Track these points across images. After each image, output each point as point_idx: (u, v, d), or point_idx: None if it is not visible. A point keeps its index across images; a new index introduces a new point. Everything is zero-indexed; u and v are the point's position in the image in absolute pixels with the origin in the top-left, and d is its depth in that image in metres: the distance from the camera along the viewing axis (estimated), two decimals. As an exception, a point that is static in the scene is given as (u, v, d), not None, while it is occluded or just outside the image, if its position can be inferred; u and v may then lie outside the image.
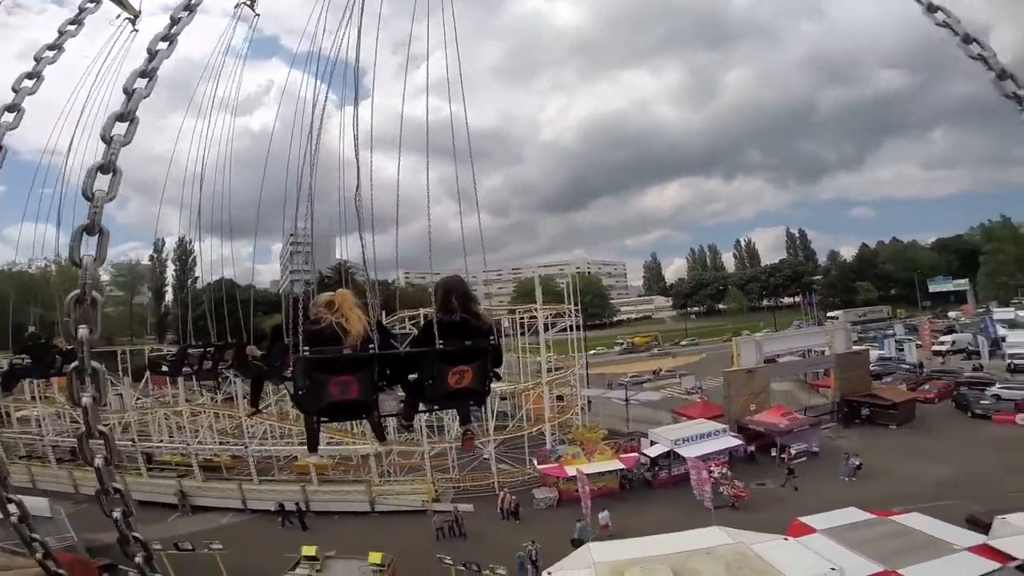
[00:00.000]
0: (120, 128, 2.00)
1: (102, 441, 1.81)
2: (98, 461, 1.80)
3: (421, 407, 3.51)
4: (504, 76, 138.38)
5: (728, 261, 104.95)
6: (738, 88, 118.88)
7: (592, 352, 55.11)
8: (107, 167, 1.93)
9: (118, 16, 11.21)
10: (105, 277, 59.25)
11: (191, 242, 59.82)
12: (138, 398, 29.36)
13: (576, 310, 29.33)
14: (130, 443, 22.82)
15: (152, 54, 2.20)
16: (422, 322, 22.95)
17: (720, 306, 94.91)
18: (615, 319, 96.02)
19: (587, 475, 18.36)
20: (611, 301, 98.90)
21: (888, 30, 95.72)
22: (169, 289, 68.18)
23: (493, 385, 3.67)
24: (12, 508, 1.87)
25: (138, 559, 1.98)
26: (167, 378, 24.57)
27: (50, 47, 2.22)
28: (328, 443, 22.72)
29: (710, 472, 17.57)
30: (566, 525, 16.57)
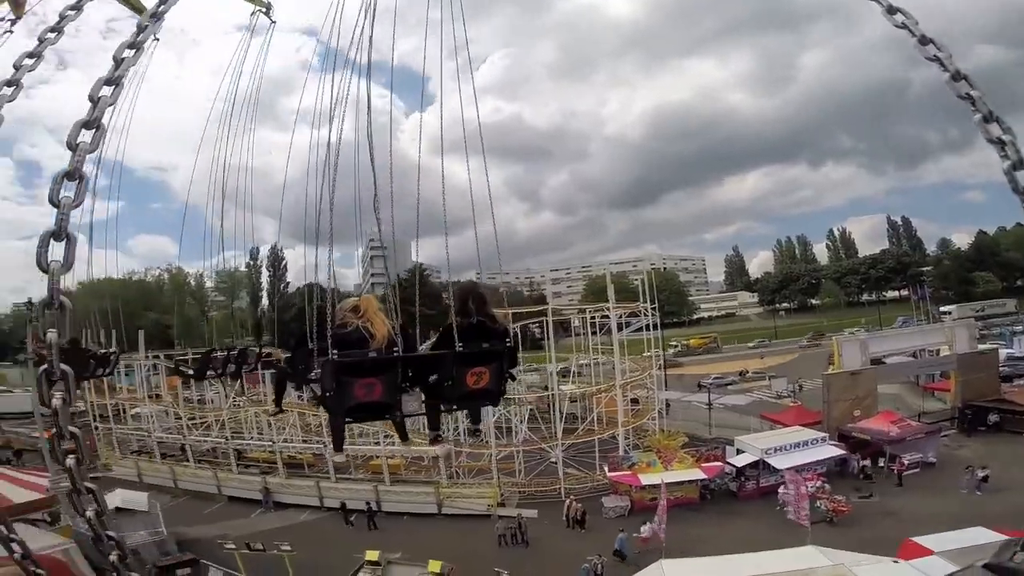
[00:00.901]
0: (86, 135, 2.06)
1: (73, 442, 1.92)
2: (70, 461, 1.87)
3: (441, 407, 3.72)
4: (560, 73, 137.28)
5: (820, 252, 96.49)
6: (816, 71, 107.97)
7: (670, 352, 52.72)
8: (73, 174, 1.99)
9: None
10: (209, 284, 68.28)
11: (282, 249, 69.79)
12: (233, 397, 32.54)
13: (653, 308, 28.17)
14: (223, 440, 25.17)
15: (118, 61, 2.27)
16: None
17: (813, 301, 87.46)
18: (694, 317, 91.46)
19: (666, 484, 17.43)
20: (689, 298, 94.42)
21: (977, 4, 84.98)
22: (264, 294, 75.10)
23: (563, 387, 3.71)
24: None
25: (112, 557, 2.03)
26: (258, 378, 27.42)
27: (51, 29, 2.34)
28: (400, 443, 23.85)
29: (808, 486, 16.22)
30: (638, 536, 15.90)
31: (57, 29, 2.42)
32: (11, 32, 9.28)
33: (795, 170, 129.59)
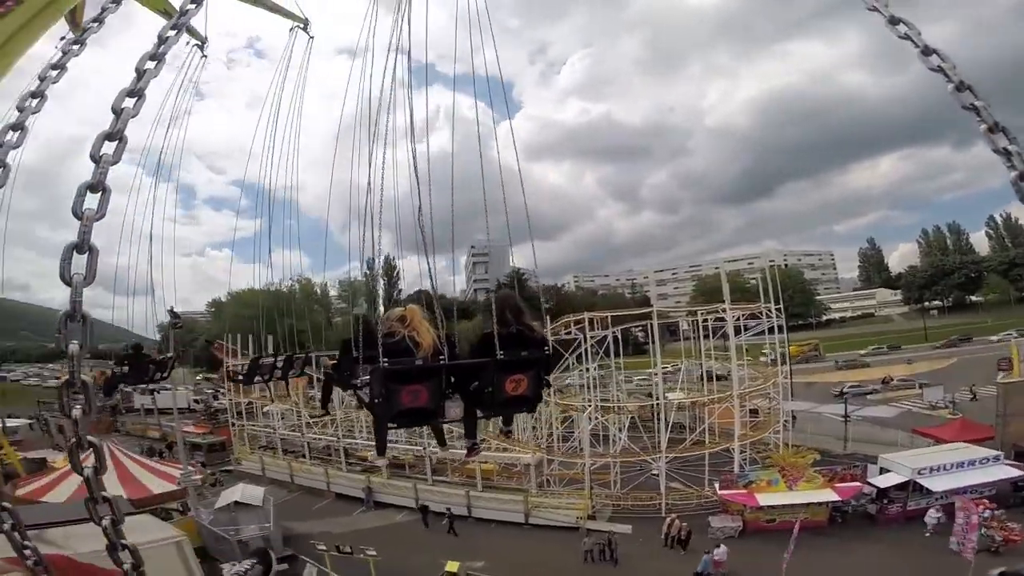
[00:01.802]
0: (109, 147, 2.12)
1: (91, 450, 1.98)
2: (87, 471, 1.93)
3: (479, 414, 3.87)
4: (648, 68, 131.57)
5: (978, 242, 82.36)
6: (948, 43, 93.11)
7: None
8: (96, 186, 2.05)
9: (188, 43, 13.18)
10: (333, 292, 77.75)
11: (394, 259, 72.93)
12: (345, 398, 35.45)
13: (778, 309, 25.84)
14: (335, 439, 27.37)
15: (140, 73, 2.32)
16: (587, 328, 23.08)
17: (973, 298, 74.35)
18: (823, 318, 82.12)
19: (788, 505, 16.51)
20: (817, 297, 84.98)
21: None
22: (380, 300, 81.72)
23: (670, 395, 3.47)
24: (5, 517, 2.03)
25: (126, 566, 2.04)
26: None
27: (53, 67, 2.44)
28: (495, 449, 24.15)
29: (980, 513, 14.13)
30: (748, 562, 14.53)
31: (59, 66, 2.50)
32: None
33: (939, 152, 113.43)
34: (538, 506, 20.32)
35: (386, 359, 3.31)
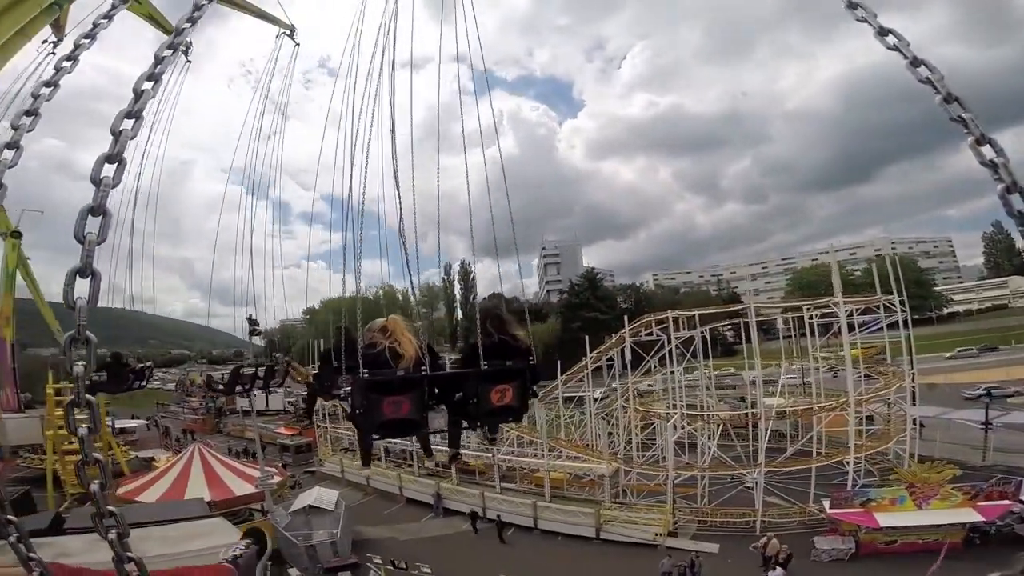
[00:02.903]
0: (108, 170, 2.23)
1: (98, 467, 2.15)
2: (94, 486, 2.08)
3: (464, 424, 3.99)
4: (713, 55, 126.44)
5: None
6: None
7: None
8: (97, 209, 2.17)
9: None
10: (413, 298, 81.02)
11: (470, 263, 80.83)
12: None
13: (901, 301, 23.69)
14: (408, 442, 28.51)
15: (138, 94, 2.46)
16: (671, 328, 22.34)
17: None
18: (945, 311, 73.83)
19: (918, 526, 15.29)
20: (935, 288, 76.75)
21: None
22: (457, 305, 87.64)
23: (768, 401, 3.37)
24: (11, 530, 2.23)
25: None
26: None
27: (47, 84, 2.64)
28: (566, 458, 23.96)
29: None
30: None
31: (52, 83, 2.66)
32: (53, 54, 10.24)
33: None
34: (612, 520, 19.75)
35: (366, 370, 3.43)
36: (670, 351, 25.50)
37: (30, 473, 25.28)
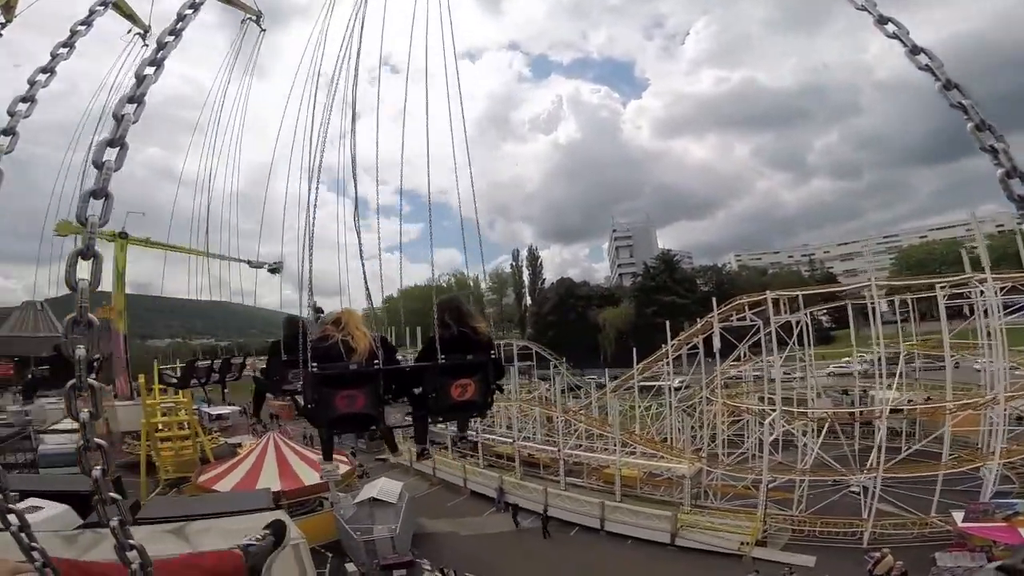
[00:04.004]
0: (111, 154, 2.37)
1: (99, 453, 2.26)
2: (96, 472, 2.19)
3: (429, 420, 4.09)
4: (785, 25, 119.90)
5: None
6: None
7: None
8: (99, 192, 2.29)
9: (129, 31, 14.32)
10: (484, 285, 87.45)
11: (536, 249, 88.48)
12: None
13: None
14: (474, 433, 28.81)
15: (140, 79, 2.55)
16: (770, 310, 20.97)
17: None
18: None
19: None
20: None
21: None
22: (526, 291, 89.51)
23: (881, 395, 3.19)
24: (12, 519, 2.37)
25: (134, 567, 2.28)
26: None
27: (43, 70, 2.73)
28: (641, 455, 23.39)
29: None
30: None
31: (49, 70, 2.76)
32: (0, 35, 10.72)
33: None
34: (691, 525, 19.02)
35: (315, 363, 3.50)
36: (768, 335, 24.24)
37: (134, 459, 28.39)
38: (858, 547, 16.42)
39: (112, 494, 2.10)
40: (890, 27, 2.12)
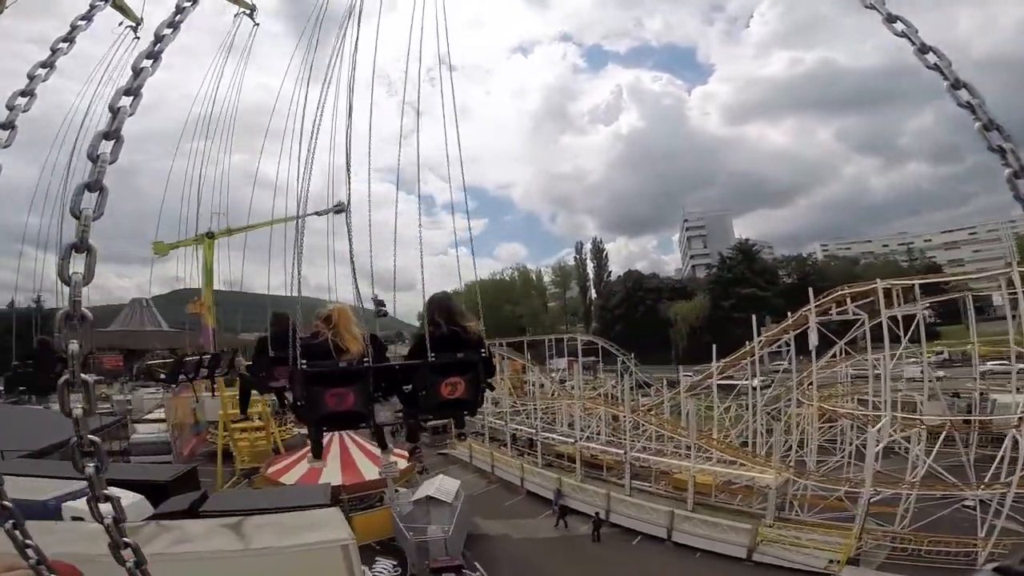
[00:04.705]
0: (106, 147, 2.44)
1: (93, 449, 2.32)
2: (89, 470, 2.25)
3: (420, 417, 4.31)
4: (859, 6, 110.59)
5: None
6: None
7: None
8: (94, 185, 2.34)
9: (120, 23, 14.30)
10: (547, 279, 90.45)
11: (601, 242, 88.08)
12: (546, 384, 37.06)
13: None
14: (533, 431, 28.95)
15: (137, 72, 2.60)
16: (880, 302, 19.42)
17: None
18: None
19: None
20: None
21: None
22: (590, 284, 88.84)
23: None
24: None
25: (129, 564, 2.32)
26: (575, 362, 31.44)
27: (42, 65, 2.84)
28: (718, 461, 22.34)
29: None
30: None
31: (48, 64, 2.84)
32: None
33: None
34: (772, 540, 17.86)
35: (304, 360, 3.61)
36: (869, 330, 22.72)
37: (215, 448, 30.66)
38: (971, 568, 14.78)
39: (106, 491, 2.13)
40: (899, 26, 2.17)
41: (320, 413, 3.70)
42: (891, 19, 2.20)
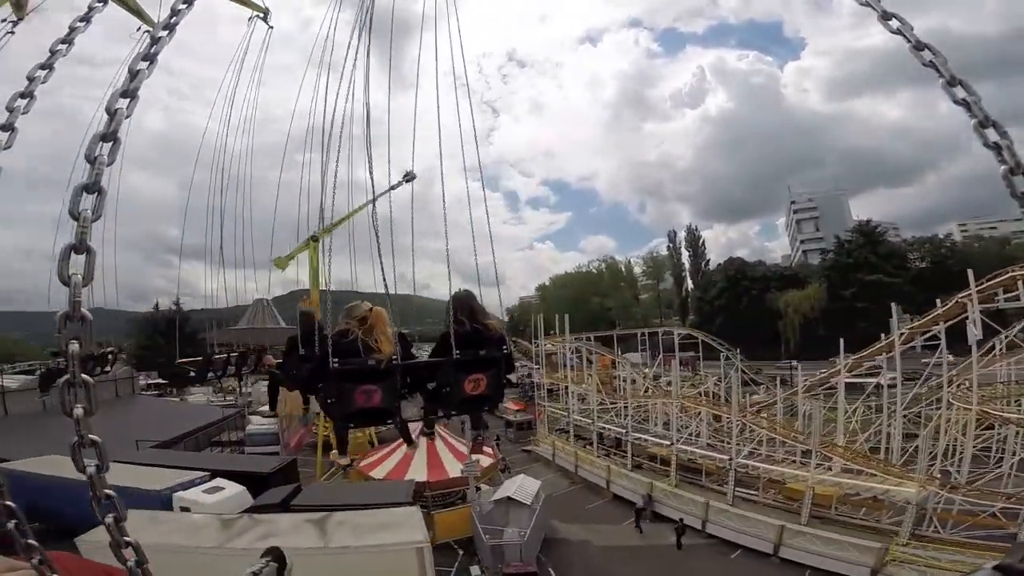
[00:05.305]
0: (104, 148, 2.53)
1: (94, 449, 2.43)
2: (90, 470, 2.35)
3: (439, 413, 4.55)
4: None
5: None
6: None
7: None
8: (92, 187, 2.45)
9: (139, 28, 14.14)
10: (638, 270, 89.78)
11: (697, 229, 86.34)
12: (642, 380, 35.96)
13: None
14: (624, 431, 27.88)
15: (133, 74, 2.69)
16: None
17: None
18: None
19: None
20: None
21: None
22: (686, 274, 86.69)
23: None
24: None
25: (130, 564, 2.41)
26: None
27: (42, 66, 2.98)
28: (843, 470, 20.29)
29: None
30: None
31: (67, 41, 2.97)
32: (12, 33, 10.71)
33: None
34: (904, 560, 16.00)
35: (336, 359, 3.79)
36: None
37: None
38: None
39: (108, 491, 2.19)
40: (894, 23, 2.22)
41: (349, 410, 3.88)
42: (886, 16, 2.23)
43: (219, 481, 16.15)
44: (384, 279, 5.88)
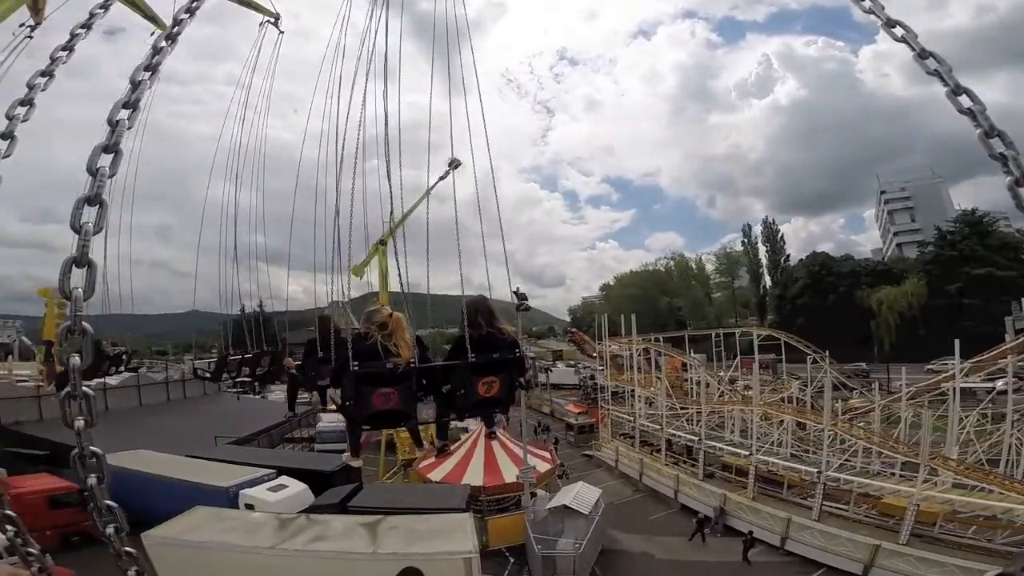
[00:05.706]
0: (105, 160, 2.48)
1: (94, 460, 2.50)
2: (91, 481, 2.42)
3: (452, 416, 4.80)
4: None
5: None
6: None
7: None
8: (93, 199, 2.39)
9: (152, 33, 13.91)
10: (710, 267, 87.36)
11: (774, 223, 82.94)
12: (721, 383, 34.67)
13: None
14: (696, 438, 26.75)
15: (135, 84, 2.72)
16: None
17: None
18: None
19: None
20: None
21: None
22: (764, 270, 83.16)
23: None
24: (8, 527, 2.70)
25: (130, 573, 2.48)
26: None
27: (42, 74, 3.07)
28: (953, 485, 18.50)
29: None
30: None
31: (69, 48, 3.07)
32: (30, 38, 10.90)
33: None
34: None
35: (356, 362, 3.97)
36: None
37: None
38: None
39: (108, 502, 2.19)
40: (898, 31, 2.39)
41: (367, 412, 4.08)
42: (891, 24, 2.32)
43: (284, 479, 16.92)
44: (401, 280, 6.11)
